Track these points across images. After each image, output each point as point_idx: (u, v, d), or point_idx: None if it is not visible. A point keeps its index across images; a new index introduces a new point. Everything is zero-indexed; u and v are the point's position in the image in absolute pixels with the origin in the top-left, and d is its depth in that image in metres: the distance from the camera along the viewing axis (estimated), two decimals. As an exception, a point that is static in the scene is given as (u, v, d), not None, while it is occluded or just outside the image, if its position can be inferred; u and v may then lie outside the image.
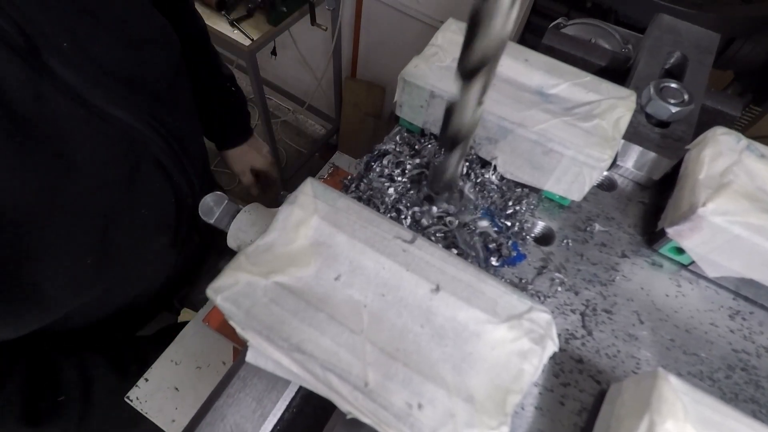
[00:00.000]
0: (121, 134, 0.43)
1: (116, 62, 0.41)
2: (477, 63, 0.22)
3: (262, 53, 1.55)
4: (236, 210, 0.56)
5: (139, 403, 0.64)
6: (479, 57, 0.22)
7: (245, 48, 1.30)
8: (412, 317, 0.26)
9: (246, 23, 1.38)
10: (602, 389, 0.30)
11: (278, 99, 2.43)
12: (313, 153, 2.27)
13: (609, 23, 0.75)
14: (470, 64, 0.22)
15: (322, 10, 1.50)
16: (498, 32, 0.21)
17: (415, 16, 1.49)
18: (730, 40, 0.70)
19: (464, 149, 0.29)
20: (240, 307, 0.25)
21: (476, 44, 0.21)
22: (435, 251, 0.27)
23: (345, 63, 1.89)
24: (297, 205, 0.29)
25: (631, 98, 0.37)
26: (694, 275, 0.36)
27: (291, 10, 1.39)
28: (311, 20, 1.46)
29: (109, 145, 0.42)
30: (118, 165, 0.43)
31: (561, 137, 0.34)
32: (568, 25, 0.80)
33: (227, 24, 1.35)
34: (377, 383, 0.23)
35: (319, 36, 1.73)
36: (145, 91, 0.45)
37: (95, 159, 0.40)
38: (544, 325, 0.25)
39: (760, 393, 0.31)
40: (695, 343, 0.33)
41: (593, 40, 0.73)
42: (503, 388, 0.24)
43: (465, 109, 0.25)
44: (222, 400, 0.30)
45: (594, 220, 0.38)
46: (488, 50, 0.21)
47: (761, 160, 0.34)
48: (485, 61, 0.22)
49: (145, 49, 0.45)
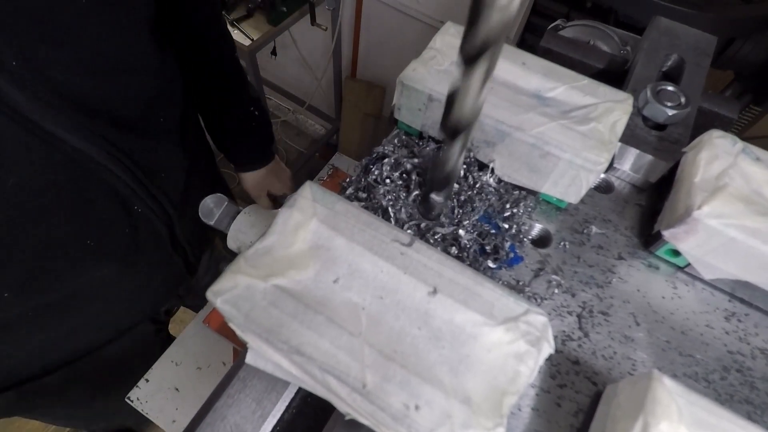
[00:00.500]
0: (67, 160, 0.40)
1: (77, 88, 0.39)
2: (480, 46, 0.21)
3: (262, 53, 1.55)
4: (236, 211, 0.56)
5: (139, 404, 0.64)
6: (483, 39, 0.21)
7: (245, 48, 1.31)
8: (409, 320, 0.26)
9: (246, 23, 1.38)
10: (598, 390, 0.30)
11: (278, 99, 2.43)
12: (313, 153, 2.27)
13: (608, 25, 0.76)
14: (473, 47, 0.21)
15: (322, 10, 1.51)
16: (503, 11, 0.19)
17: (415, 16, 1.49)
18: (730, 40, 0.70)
19: (465, 140, 0.27)
20: (240, 310, 0.25)
21: (480, 25, 0.20)
22: (432, 254, 0.28)
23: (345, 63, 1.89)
24: (296, 208, 0.29)
25: (627, 101, 0.37)
26: (690, 277, 0.36)
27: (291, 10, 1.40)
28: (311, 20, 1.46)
29: (50, 170, 0.39)
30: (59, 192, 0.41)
31: (558, 140, 0.34)
32: (566, 26, 0.80)
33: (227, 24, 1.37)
34: (375, 385, 0.24)
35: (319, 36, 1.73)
36: (108, 119, 0.43)
37: (31, 184, 0.38)
38: (540, 328, 0.26)
39: (754, 394, 0.31)
40: (691, 345, 0.33)
41: (592, 42, 0.73)
42: (500, 389, 0.24)
43: (467, 96, 0.24)
44: (222, 401, 0.31)
45: (591, 222, 0.38)
46: (492, 31, 0.20)
47: (756, 164, 0.34)
48: (489, 44, 0.21)
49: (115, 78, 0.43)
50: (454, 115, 0.25)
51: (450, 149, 0.28)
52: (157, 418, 0.63)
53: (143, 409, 0.64)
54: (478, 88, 0.23)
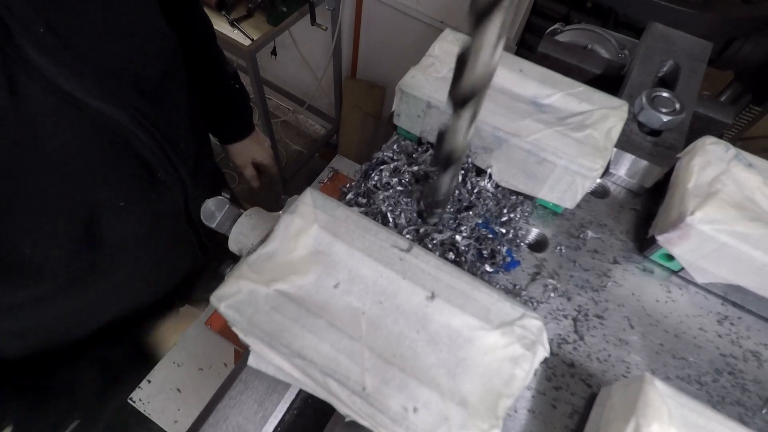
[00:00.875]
0: (99, 125, 0.42)
1: (97, 54, 0.40)
2: (467, 94, 0.24)
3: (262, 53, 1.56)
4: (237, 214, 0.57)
5: (142, 405, 0.65)
6: (469, 89, 0.23)
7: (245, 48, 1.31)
8: (408, 324, 0.27)
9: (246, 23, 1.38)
10: (593, 392, 0.31)
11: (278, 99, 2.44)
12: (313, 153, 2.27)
13: (606, 29, 0.76)
14: (460, 95, 0.24)
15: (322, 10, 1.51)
16: (484, 68, 0.22)
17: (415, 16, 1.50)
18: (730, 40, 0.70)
19: (456, 169, 0.30)
20: (243, 314, 0.26)
21: (465, 78, 0.23)
22: (430, 260, 0.28)
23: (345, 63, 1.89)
24: (297, 214, 0.30)
25: (622, 108, 0.38)
26: (683, 281, 0.37)
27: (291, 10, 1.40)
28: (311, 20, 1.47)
29: (84, 135, 0.41)
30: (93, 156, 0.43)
31: (554, 147, 0.35)
32: (565, 30, 0.80)
33: (227, 24, 1.36)
34: (375, 388, 0.24)
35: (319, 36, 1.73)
36: (129, 84, 0.44)
37: (69, 148, 0.40)
38: (535, 332, 0.26)
39: (746, 396, 0.32)
40: (684, 348, 0.34)
41: (590, 46, 0.74)
42: (495, 392, 0.25)
43: (457, 134, 0.27)
44: (224, 402, 0.31)
45: (587, 227, 0.39)
46: (477, 83, 0.23)
47: (749, 170, 0.35)
48: (474, 93, 0.24)
49: (131, 42, 0.44)
50: (445, 148, 0.28)
51: (442, 178, 0.31)
52: (159, 418, 0.64)
53: (145, 409, 0.64)
54: (466, 126, 0.26)
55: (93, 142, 0.42)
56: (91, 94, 0.40)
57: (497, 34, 0.22)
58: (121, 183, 0.47)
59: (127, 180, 0.48)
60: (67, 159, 0.40)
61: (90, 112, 0.40)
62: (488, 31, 0.22)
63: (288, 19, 1.39)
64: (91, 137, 0.42)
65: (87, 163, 0.42)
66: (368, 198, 0.37)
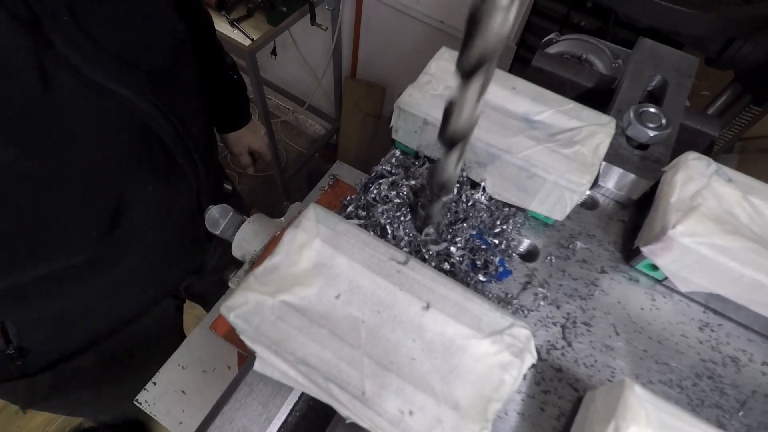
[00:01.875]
0: (122, 111, 0.43)
1: (114, 40, 0.42)
2: (476, 62, 0.22)
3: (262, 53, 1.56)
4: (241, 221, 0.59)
5: (147, 406, 0.66)
6: (478, 56, 0.22)
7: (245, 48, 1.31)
8: (405, 332, 0.29)
9: (246, 23, 1.39)
10: (579, 396, 0.33)
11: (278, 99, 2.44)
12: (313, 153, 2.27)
13: (600, 38, 0.78)
14: (469, 63, 0.22)
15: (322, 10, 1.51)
16: (496, 31, 0.21)
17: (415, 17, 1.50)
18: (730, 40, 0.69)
19: (462, 149, 0.28)
20: (250, 324, 0.28)
21: (475, 43, 0.21)
22: (426, 272, 0.30)
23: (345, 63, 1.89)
24: (301, 228, 0.31)
25: (610, 125, 0.40)
26: (667, 290, 0.39)
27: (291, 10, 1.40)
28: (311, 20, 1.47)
29: (109, 121, 0.43)
30: (119, 141, 0.44)
31: (544, 163, 0.36)
32: (560, 40, 0.82)
33: (227, 24, 1.36)
34: (373, 392, 0.26)
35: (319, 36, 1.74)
36: (144, 73, 0.45)
37: (95, 134, 0.42)
38: (523, 340, 0.28)
39: (724, 399, 0.34)
40: (666, 354, 0.36)
41: (584, 56, 0.76)
42: (486, 396, 0.27)
43: (464, 108, 0.25)
44: (230, 405, 0.33)
45: (576, 237, 0.41)
46: (487, 49, 0.22)
47: (728, 184, 0.37)
48: (484, 60, 0.22)
49: (144, 29, 0.46)
50: (451, 125, 0.26)
51: (447, 158, 0.29)
52: (164, 419, 0.66)
53: (151, 411, 0.66)
54: (474, 100, 0.24)
55: (118, 128, 0.44)
56: (114, 80, 0.41)
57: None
58: (145, 168, 0.49)
59: (150, 164, 0.49)
60: (94, 145, 0.42)
61: (113, 98, 0.42)
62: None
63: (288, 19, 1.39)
64: (116, 123, 0.43)
65: (114, 148, 0.44)
66: (368, 211, 0.38)
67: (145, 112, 0.45)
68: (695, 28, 0.59)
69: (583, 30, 1.20)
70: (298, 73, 2.11)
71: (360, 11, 1.63)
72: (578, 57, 0.77)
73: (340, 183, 0.62)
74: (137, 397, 0.67)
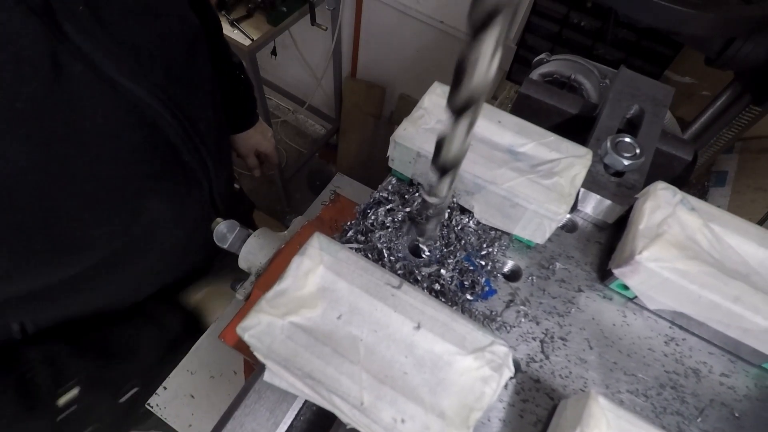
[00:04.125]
0: (131, 106, 0.43)
1: (128, 32, 0.41)
2: (464, 103, 0.24)
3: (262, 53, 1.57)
4: (246, 235, 0.63)
5: (158, 410, 0.70)
6: (466, 98, 0.24)
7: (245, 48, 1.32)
8: (398, 350, 0.33)
9: (246, 23, 1.40)
10: (554, 404, 0.37)
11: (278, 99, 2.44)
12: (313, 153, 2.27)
13: (588, 60, 0.82)
14: (458, 104, 0.24)
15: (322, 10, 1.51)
16: (482, 78, 0.22)
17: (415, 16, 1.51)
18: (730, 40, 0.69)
19: (453, 176, 0.31)
20: (263, 342, 0.32)
21: (463, 88, 0.23)
22: (417, 295, 0.34)
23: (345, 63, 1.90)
24: (306, 256, 0.35)
25: (587, 156, 0.44)
26: (638, 307, 0.43)
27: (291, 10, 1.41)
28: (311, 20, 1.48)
29: (119, 115, 0.42)
30: (128, 137, 0.44)
31: (525, 194, 0.40)
32: (550, 60, 0.86)
33: (227, 24, 1.37)
34: (370, 403, 0.30)
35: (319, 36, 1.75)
36: (158, 65, 0.45)
37: (106, 128, 0.41)
38: (502, 356, 0.32)
39: (684, 407, 0.38)
40: (634, 366, 0.40)
41: (573, 76, 0.80)
42: (468, 406, 0.31)
43: (454, 142, 0.27)
44: (240, 410, 0.37)
45: (556, 259, 0.45)
46: (474, 93, 0.23)
47: (691, 213, 0.41)
48: (471, 102, 0.24)
49: (158, 22, 0.45)
50: (443, 156, 0.29)
51: (440, 184, 0.32)
52: (175, 422, 0.70)
53: (162, 414, 0.70)
54: (463, 134, 0.26)
55: (126, 123, 0.43)
56: (124, 74, 0.41)
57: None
58: (152, 164, 0.49)
59: (157, 161, 0.49)
60: (104, 139, 0.42)
61: (125, 94, 0.41)
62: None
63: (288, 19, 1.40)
64: (125, 117, 0.43)
65: (123, 143, 0.44)
66: (366, 235, 0.42)
67: (153, 109, 0.45)
68: (695, 28, 0.61)
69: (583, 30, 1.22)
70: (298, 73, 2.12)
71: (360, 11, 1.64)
72: (567, 77, 0.81)
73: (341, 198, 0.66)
74: (149, 401, 0.71)
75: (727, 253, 0.40)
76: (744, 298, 0.37)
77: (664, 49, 1.13)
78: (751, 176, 1.06)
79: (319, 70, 1.97)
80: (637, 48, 1.17)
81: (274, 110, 2.49)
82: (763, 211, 0.72)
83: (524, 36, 1.31)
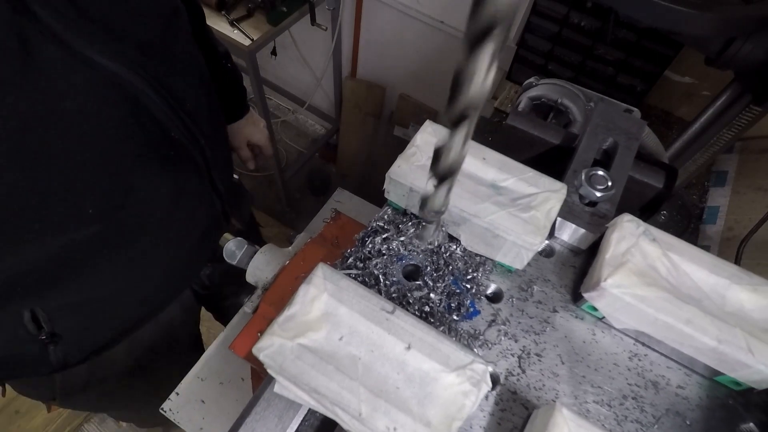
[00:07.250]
0: (111, 85, 0.42)
1: (101, 13, 0.40)
2: (460, 114, 0.25)
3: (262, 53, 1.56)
4: (254, 251, 0.69)
5: (172, 414, 0.76)
6: (462, 109, 0.25)
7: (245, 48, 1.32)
8: (391, 367, 0.38)
9: (246, 23, 1.39)
10: (529, 414, 0.42)
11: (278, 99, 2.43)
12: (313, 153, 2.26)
13: (575, 84, 0.87)
14: (455, 115, 0.25)
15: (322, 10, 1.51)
16: (478, 91, 0.23)
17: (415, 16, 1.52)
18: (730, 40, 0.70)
19: (451, 183, 0.33)
20: (275, 361, 0.37)
21: (459, 100, 0.24)
22: (408, 319, 0.40)
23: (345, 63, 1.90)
24: (312, 285, 0.41)
25: (562, 191, 0.49)
26: (606, 326, 0.48)
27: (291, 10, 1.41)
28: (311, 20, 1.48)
29: (99, 95, 0.42)
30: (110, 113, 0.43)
31: (505, 226, 0.46)
32: (539, 84, 0.92)
33: (227, 24, 1.37)
34: (367, 414, 0.35)
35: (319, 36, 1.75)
36: (133, 44, 0.44)
37: (86, 107, 0.41)
38: (481, 373, 0.37)
39: (643, 416, 0.43)
40: (601, 379, 0.45)
41: (559, 100, 0.86)
42: (451, 416, 0.36)
43: (451, 151, 0.29)
44: (251, 417, 0.42)
45: (534, 282, 0.50)
46: (470, 104, 0.24)
47: (652, 243, 0.46)
48: (467, 114, 0.25)
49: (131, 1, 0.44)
50: (441, 164, 0.30)
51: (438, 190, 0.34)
52: (187, 426, 0.75)
53: (175, 418, 0.75)
54: (460, 144, 0.28)
55: (107, 103, 0.43)
56: (102, 53, 0.40)
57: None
58: (139, 143, 0.48)
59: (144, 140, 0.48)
60: (85, 117, 0.41)
61: (101, 71, 0.41)
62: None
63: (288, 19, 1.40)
64: (105, 97, 0.42)
65: (105, 123, 0.43)
66: (364, 262, 0.48)
67: (135, 87, 0.44)
68: (695, 28, 0.62)
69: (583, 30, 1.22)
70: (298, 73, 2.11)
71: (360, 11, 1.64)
72: (554, 101, 0.86)
73: (341, 216, 0.71)
74: (162, 405, 0.76)
75: (682, 280, 0.45)
76: (695, 320, 0.42)
77: (664, 49, 1.11)
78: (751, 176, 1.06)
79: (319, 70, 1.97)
80: (637, 48, 1.15)
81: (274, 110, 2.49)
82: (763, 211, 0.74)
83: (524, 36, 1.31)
